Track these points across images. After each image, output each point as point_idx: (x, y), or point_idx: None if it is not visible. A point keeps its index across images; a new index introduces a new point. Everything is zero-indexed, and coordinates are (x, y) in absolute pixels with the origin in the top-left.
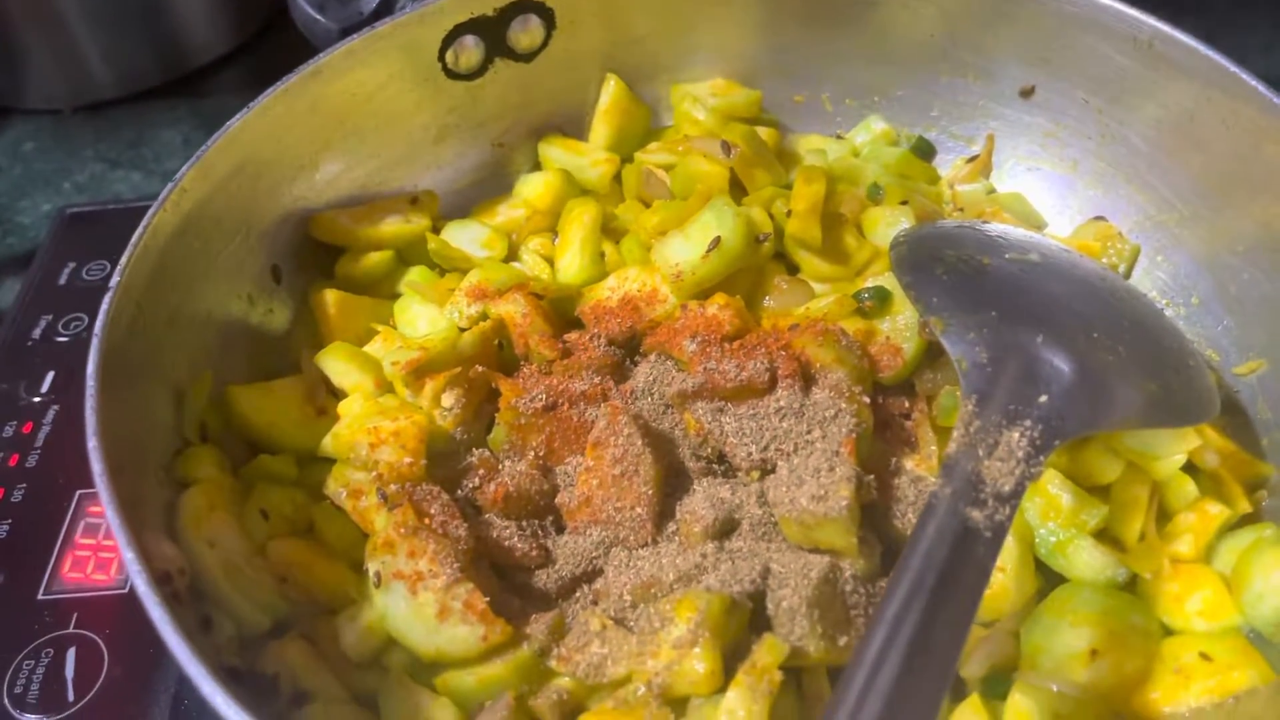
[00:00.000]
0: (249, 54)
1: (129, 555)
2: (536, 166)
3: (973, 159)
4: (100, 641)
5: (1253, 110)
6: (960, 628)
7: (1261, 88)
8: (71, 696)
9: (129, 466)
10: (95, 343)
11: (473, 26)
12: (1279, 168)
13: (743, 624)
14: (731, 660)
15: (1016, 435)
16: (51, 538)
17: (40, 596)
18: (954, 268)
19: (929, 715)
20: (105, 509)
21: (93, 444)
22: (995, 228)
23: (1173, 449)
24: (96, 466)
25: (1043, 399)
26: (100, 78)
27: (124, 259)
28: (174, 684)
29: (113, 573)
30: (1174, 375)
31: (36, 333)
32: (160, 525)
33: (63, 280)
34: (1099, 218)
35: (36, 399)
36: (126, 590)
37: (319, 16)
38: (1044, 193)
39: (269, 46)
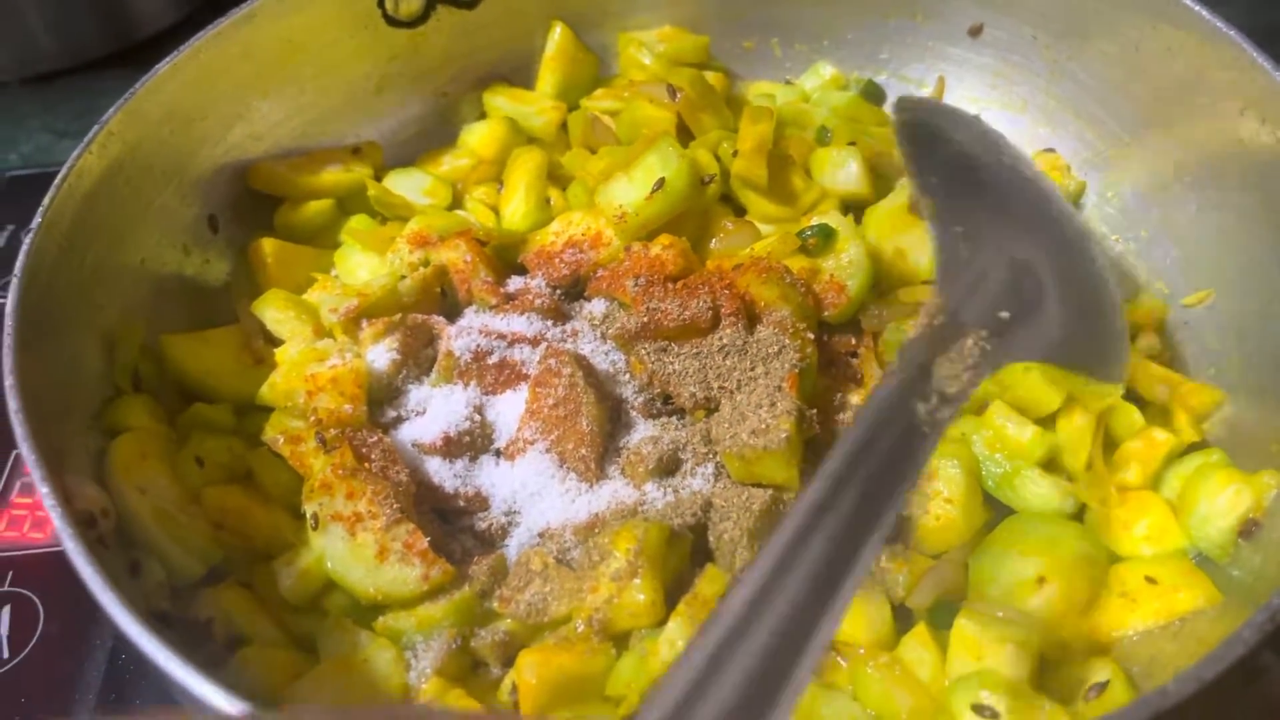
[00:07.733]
0: (199, 23)
1: (44, 490)
2: (482, 117)
3: None
4: (35, 599)
5: (1196, 38)
6: (886, 518)
7: (1205, 13)
8: (6, 654)
9: (55, 413)
10: (16, 283)
11: None
12: (1221, 94)
13: (684, 556)
14: (674, 594)
15: (971, 341)
16: None
17: None
18: (956, 154)
19: (856, 572)
20: (20, 445)
21: (9, 382)
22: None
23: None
24: (13, 404)
25: (1004, 314)
26: (47, 48)
27: (47, 199)
28: (110, 640)
29: (49, 531)
30: (1112, 337)
31: None
32: (87, 471)
33: (1, 243)
34: (1049, 149)
35: None
36: (62, 547)
37: None
38: None
39: (219, 15)
